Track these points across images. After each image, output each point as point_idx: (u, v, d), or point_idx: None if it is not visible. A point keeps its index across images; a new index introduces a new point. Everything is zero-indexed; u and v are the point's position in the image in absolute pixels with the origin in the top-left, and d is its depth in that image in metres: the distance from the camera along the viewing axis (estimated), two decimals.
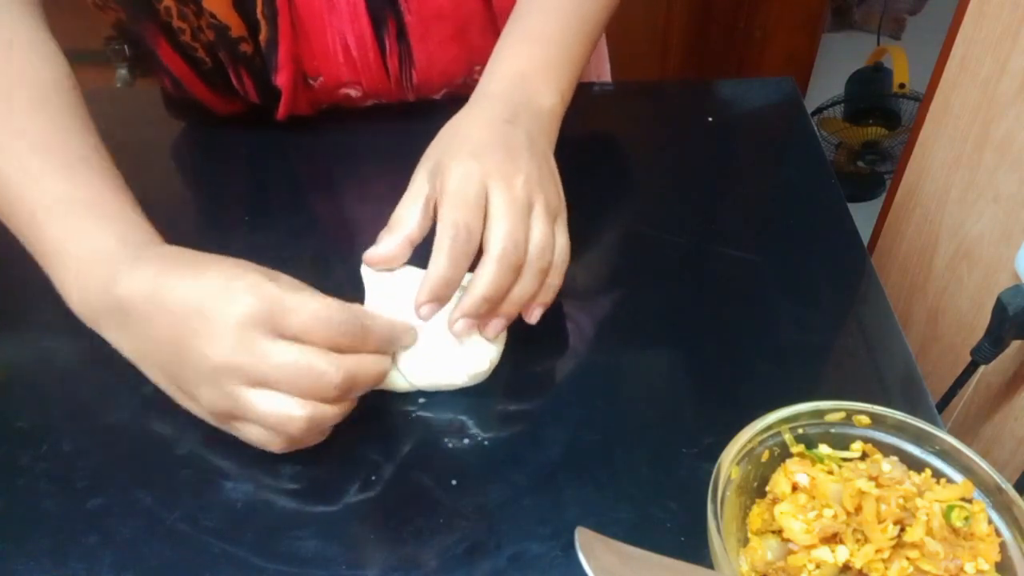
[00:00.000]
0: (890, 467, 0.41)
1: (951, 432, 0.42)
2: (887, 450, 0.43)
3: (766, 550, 0.39)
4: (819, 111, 1.91)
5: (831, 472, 0.41)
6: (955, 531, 0.39)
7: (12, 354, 0.54)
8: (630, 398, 0.50)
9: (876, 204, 1.52)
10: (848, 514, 0.39)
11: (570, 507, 0.44)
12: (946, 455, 0.42)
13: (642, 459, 0.46)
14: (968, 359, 0.78)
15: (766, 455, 0.42)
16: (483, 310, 0.46)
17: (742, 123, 0.72)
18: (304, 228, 0.63)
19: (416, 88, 0.70)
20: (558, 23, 0.57)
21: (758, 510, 0.41)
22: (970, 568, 0.38)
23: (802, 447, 0.43)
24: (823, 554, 0.38)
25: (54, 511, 0.44)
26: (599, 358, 0.53)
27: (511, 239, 0.46)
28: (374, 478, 0.45)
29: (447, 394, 0.50)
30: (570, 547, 0.36)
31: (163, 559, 0.42)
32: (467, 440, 0.47)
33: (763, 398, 0.44)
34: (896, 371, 0.51)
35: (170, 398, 0.46)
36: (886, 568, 0.38)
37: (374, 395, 0.49)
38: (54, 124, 0.50)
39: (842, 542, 0.38)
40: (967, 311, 0.88)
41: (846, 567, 0.38)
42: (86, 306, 0.46)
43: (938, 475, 0.42)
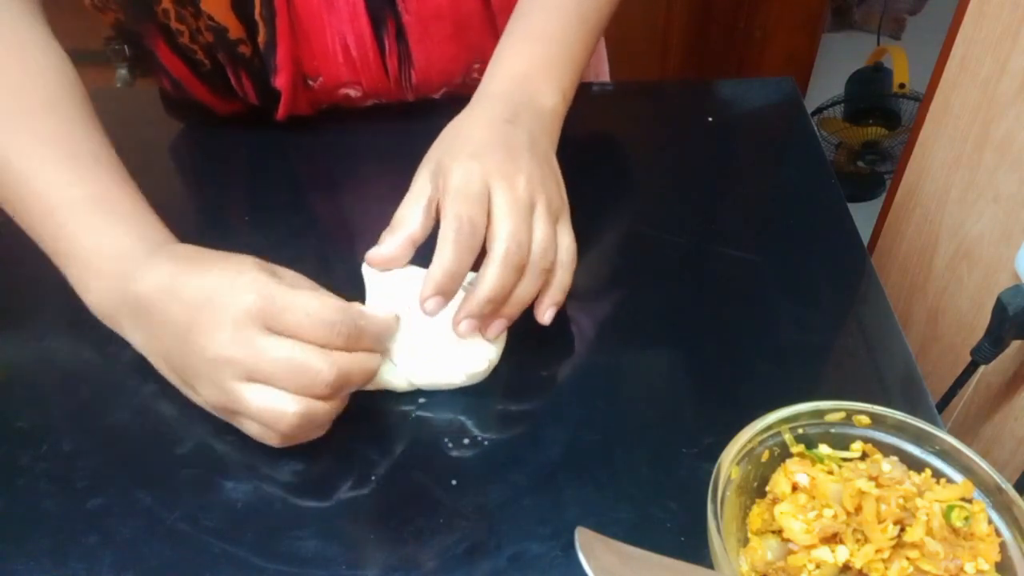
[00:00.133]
0: (890, 467, 0.41)
1: (951, 432, 0.42)
2: (887, 450, 0.43)
3: (766, 550, 0.39)
4: (819, 111, 1.91)
5: (831, 472, 0.41)
6: (955, 531, 0.39)
7: (12, 354, 0.54)
8: (630, 398, 0.50)
9: (876, 204, 1.52)
10: (848, 514, 0.39)
11: (570, 507, 0.44)
12: (946, 455, 0.42)
13: (642, 459, 0.46)
14: (968, 359, 0.78)
15: (766, 455, 0.42)
16: (487, 311, 0.46)
17: (742, 123, 0.72)
18: (304, 228, 0.63)
19: (415, 88, 0.70)
20: (559, 22, 0.57)
21: (758, 510, 0.41)
22: (970, 568, 0.38)
23: (802, 447, 0.43)
24: (823, 554, 0.38)
25: (54, 511, 0.44)
26: (599, 358, 0.53)
27: (514, 239, 0.46)
28: (374, 478, 0.45)
29: (447, 394, 0.50)
30: (570, 547, 0.36)
31: (163, 559, 0.42)
32: (467, 440, 0.47)
33: (763, 398, 0.44)
34: (896, 371, 0.51)
35: (172, 396, 0.47)
36: (886, 568, 0.38)
37: (374, 395, 0.49)
38: (65, 124, 0.50)
39: (842, 542, 0.38)
40: (967, 311, 0.88)
41: (846, 567, 0.38)
42: (104, 302, 0.47)
43: (938, 475, 0.42)
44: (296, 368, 0.41)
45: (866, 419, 0.43)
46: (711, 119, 0.71)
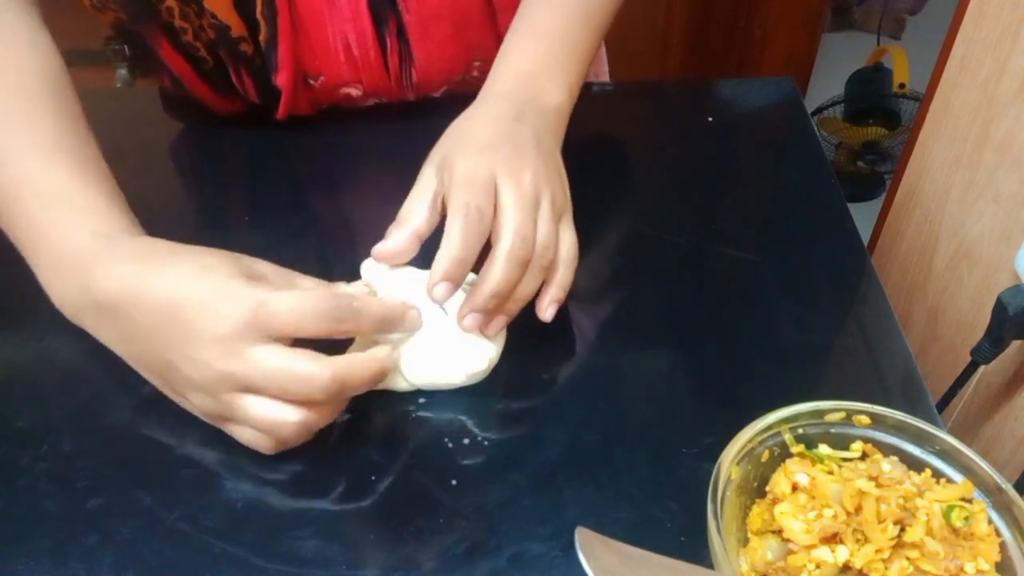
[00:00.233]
0: (890, 467, 0.41)
1: (951, 432, 0.42)
2: (887, 450, 0.43)
3: (766, 550, 0.39)
4: (819, 111, 1.91)
5: (831, 472, 0.41)
6: (955, 531, 0.39)
7: (12, 354, 0.54)
8: (630, 398, 0.50)
9: (876, 204, 1.52)
10: (848, 514, 0.39)
11: (570, 507, 0.44)
12: (946, 455, 0.42)
13: (642, 459, 0.46)
14: (968, 359, 0.78)
15: (766, 455, 0.42)
16: (492, 305, 0.46)
17: (742, 123, 0.72)
18: (304, 228, 0.63)
19: (416, 86, 0.70)
20: (564, 20, 0.57)
21: (758, 510, 0.41)
22: (970, 568, 0.38)
23: (802, 447, 0.43)
24: (823, 554, 0.38)
25: (54, 511, 0.44)
26: (599, 358, 0.53)
27: (519, 235, 0.46)
28: (374, 478, 0.45)
29: (447, 394, 0.50)
30: (570, 547, 0.36)
31: (163, 559, 0.42)
32: (467, 440, 0.47)
33: (763, 398, 0.44)
34: (896, 371, 0.51)
35: (170, 397, 0.46)
36: (886, 568, 0.38)
37: (374, 395, 0.49)
38: (30, 114, 0.49)
39: (842, 542, 0.38)
40: (967, 311, 0.88)
41: (846, 567, 0.38)
42: (65, 303, 0.46)
43: (938, 475, 0.42)
44: (291, 377, 0.40)
45: (866, 419, 0.43)
46: (711, 119, 0.71)
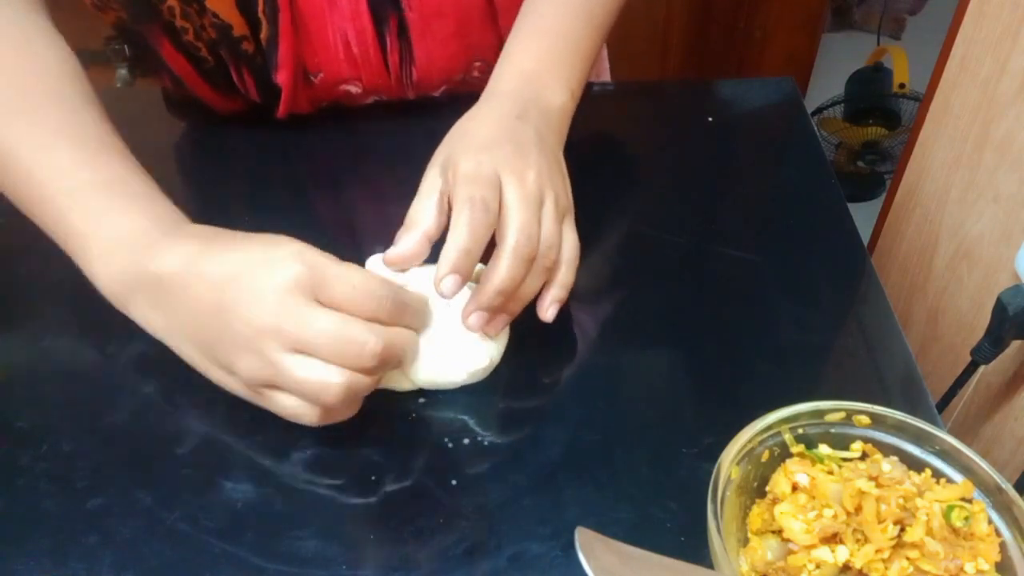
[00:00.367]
0: (890, 467, 0.41)
1: (951, 432, 0.42)
2: (887, 450, 0.43)
3: (766, 550, 0.39)
4: (819, 111, 1.91)
5: (831, 472, 0.41)
6: (955, 531, 0.39)
7: (12, 354, 0.54)
8: (630, 398, 0.50)
9: (876, 204, 1.52)
10: (848, 514, 0.39)
11: (570, 507, 0.44)
12: (946, 455, 0.42)
13: (642, 459, 0.46)
14: (968, 359, 0.78)
15: (766, 455, 0.42)
16: (497, 303, 0.46)
17: (742, 123, 0.72)
18: (304, 227, 0.62)
19: (416, 85, 0.70)
20: (567, 20, 0.57)
21: (758, 510, 0.41)
22: (970, 568, 0.38)
23: (802, 447, 0.43)
24: (823, 554, 0.38)
25: (54, 511, 0.44)
26: (599, 358, 0.53)
27: (524, 233, 0.46)
28: (374, 478, 0.45)
29: (447, 394, 0.50)
30: (570, 547, 0.36)
31: (163, 559, 0.42)
32: (467, 440, 0.47)
33: (763, 398, 0.44)
34: (896, 371, 0.51)
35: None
36: (886, 568, 0.38)
37: (374, 395, 0.49)
38: (71, 113, 0.50)
39: (842, 542, 0.38)
40: (967, 311, 0.88)
41: (846, 567, 0.38)
42: (116, 285, 0.46)
43: (938, 475, 0.42)
44: (345, 340, 0.41)
45: (866, 419, 0.43)
46: (711, 119, 0.71)
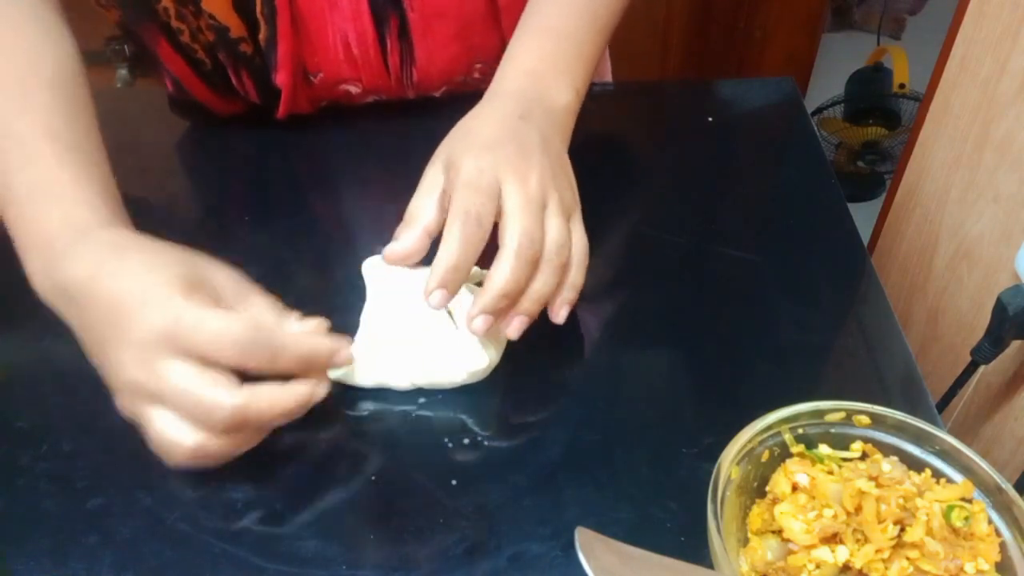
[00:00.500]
0: (890, 467, 0.41)
1: (951, 432, 0.42)
2: (887, 450, 0.43)
3: (766, 550, 0.39)
4: (819, 111, 1.91)
5: (831, 472, 0.41)
6: (955, 531, 0.39)
7: (12, 354, 0.54)
8: (630, 398, 0.50)
9: (876, 204, 1.52)
10: (848, 514, 0.39)
11: (570, 507, 0.44)
12: (946, 455, 0.42)
13: (642, 459, 0.46)
14: (968, 359, 0.78)
15: (766, 455, 0.42)
16: (501, 305, 0.46)
17: (742, 123, 0.72)
18: (304, 227, 0.63)
19: (416, 85, 0.70)
20: (572, 20, 0.56)
21: (758, 510, 0.41)
22: (970, 568, 0.38)
23: (802, 447, 0.43)
24: (823, 554, 0.38)
25: (54, 511, 0.44)
26: (599, 358, 0.53)
27: (526, 234, 0.45)
28: (374, 478, 0.45)
29: (447, 393, 0.50)
30: (570, 547, 0.36)
31: (163, 559, 0.42)
32: (467, 440, 0.47)
33: (763, 398, 0.44)
34: (896, 371, 0.51)
35: None
36: (886, 568, 0.38)
37: (374, 395, 0.49)
38: (30, 102, 0.49)
39: (842, 542, 0.38)
40: (967, 311, 0.88)
41: (846, 567, 0.38)
42: (39, 284, 0.46)
43: (938, 475, 0.42)
44: (192, 399, 0.40)
45: (866, 419, 0.43)
46: (711, 119, 0.71)
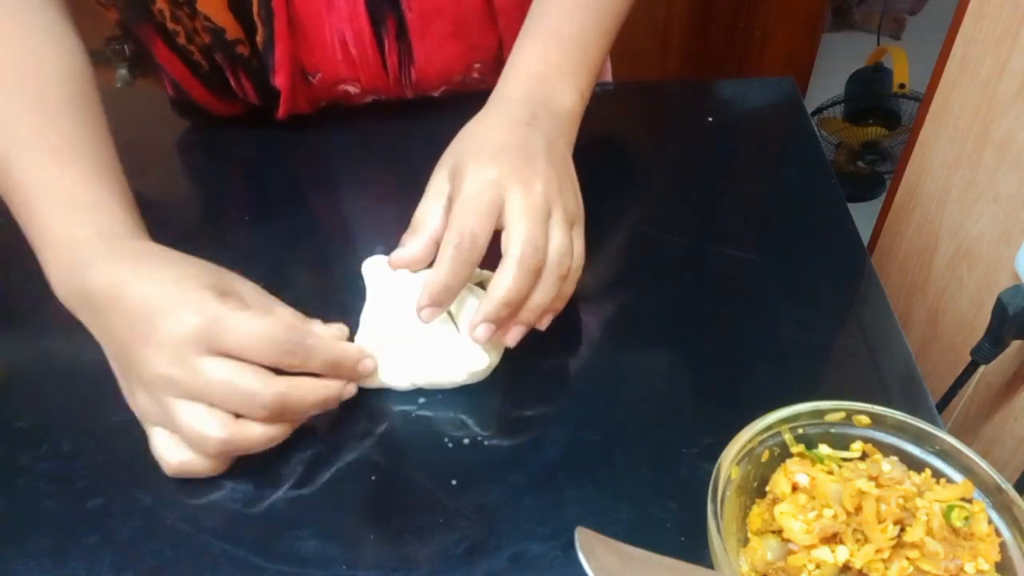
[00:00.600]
0: (890, 467, 0.41)
1: (951, 432, 0.42)
2: (887, 450, 0.43)
3: (766, 550, 0.39)
4: (819, 111, 1.91)
5: (831, 472, 0.41)
6: (955, 531, 0.39)
7: (12, 354, 0.54)
8: (630, 398, 0.50)
9: (876, 204, 1.52)
10: (848, 514, 0.39)
11: (570, 507, 0.44)
12: (946, 455, 0.42)
13: (642, 459, 0.46)
14: (968, 359, 0.78)
15: (766, 455, 0.42)
16: (503, 314, 0.46)
17: (742, 123, 0.72)
18: (304, 228, 0.63)
19: (415, 85, 0.69)
20: (576, 23, 0.56)
21: (758, 510, 0.41)
22: (970, 568, 0.38)
23: (802, 447, 0.43)
24: (823, 554, 0.38)
25: (54, 511, 0.44)
26: (599, 358, 0.53)
27: (530, 244, 0.45)
28: (374, 478, 0.45)
29: (447, 393, 0.50)
30: (570, 547, 0.36)
31: (163, 559, 0.42)
32: (467, 440, 0.47)
33: (763, 398, 0.44)
34: (896, 371, 0.51)
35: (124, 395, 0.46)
36: (886, 568, 0.38)
37: (374, 395, 0.49)
38: (52, 116, 0.50)
39: (842, 542, 0.38)
40: (967, 311, 0.88)
41: (846, 567, 0.38)
42: (62, 291, 0.47)
43: (938, 475, 0.42)
44: (232, 389, 0.41)
45: (866, 419, 0.43)
46: (711, 119, 0.71)
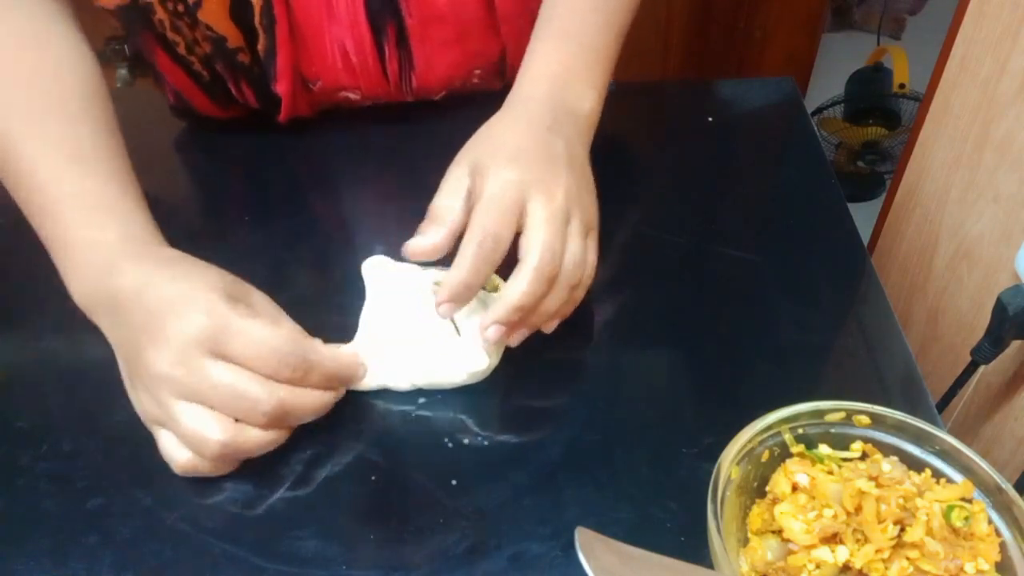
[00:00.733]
0: (890, 467, 0.41)
1: (951, 432, 0.42)
2: (887, 450, 0.43)
3: (766, 550, 0.39)
4: (819, 111, 1.91)
5: (831, 472, 0.41)
6: (955, 531, 0.39)
7: (12, 354, 0.54)
8: (630, 398, 0.50)
9: (876, 204, 1.52)
10: (848, 514, 0.39)
11: (570, 507, 0.44)
12: (946, 455, 0.42)
13: (642, 459, 0.46)
14: (968, 359, 0.78)
15: (766, 455, 0.42)
16: (516, 318, 0.46)
17: (742, 123, 0.72)
18: (304, 228, 0.63)
19: (415, 91, 0.69)
20: (588, 24, 0.57)
21: (758, 510, 0.41)
22: (970, 568, 0.38)
23: (802, 447, 0.43)
24: (823, 554, 0.38)
25: (54, 511, 0.44)
26: (599, 358, 0.53)
27: (549, 250, 0.45)
28: (374, 478, 0.45)
29: (447, 393, 0.50)
30: (570, 547, 0.36)
31: (163, 559, 0.42)
32: (467, 440, 0.47)
33: (763, 398, 0.44)
34: (896, 371, 0.51)
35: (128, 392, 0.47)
36: (886, 568, 0.38)
37: (374, 395, 0.49)
38: (71, 121, 0.51)
39: (842, 542, 0.38)
40: (967, 311, 0.88)
41: (846, 567, 0.38)
42: (83, 293, 0.47)
43: (938, 475, 0.42)
44: (235, 394, 0.42)
45: (866, 419, 0.43)
46: (711, 119, 0.71)
